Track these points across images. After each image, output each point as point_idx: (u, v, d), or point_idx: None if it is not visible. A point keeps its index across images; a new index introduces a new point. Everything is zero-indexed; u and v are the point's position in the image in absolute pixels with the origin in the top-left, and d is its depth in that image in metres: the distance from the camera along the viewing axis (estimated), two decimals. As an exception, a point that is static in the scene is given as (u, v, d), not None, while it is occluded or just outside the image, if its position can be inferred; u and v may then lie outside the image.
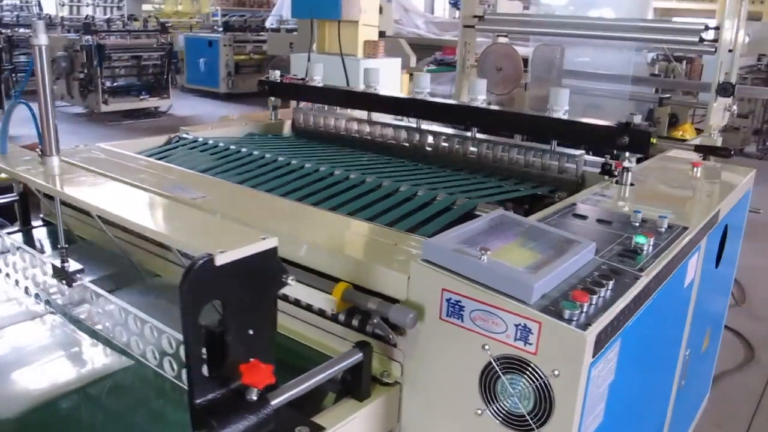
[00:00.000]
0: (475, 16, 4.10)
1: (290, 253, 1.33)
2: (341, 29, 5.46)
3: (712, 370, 2.76)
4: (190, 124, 11.59)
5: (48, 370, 1.33)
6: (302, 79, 2.96)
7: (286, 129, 2.96)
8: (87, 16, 13.00)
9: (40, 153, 1.45)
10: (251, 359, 0.96)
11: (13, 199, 2.09)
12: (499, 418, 1.13)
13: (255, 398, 0.94)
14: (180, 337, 1.23)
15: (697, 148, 1.99)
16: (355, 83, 4.78)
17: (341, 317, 1.31)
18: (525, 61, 3.96)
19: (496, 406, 1.13)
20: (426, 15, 14.05)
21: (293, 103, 2.99)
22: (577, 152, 2.14)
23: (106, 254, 1.77)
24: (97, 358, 1.36)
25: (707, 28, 3.14)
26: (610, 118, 2.12)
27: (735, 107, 3.41)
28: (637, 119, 1.97)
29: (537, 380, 1.07)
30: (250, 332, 0.97)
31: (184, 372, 1.21)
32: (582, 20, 3.71)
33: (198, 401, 0.92)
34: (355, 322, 1.29)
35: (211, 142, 2.41)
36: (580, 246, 1.25)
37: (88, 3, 17.11)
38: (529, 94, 4.01)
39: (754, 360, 3.57)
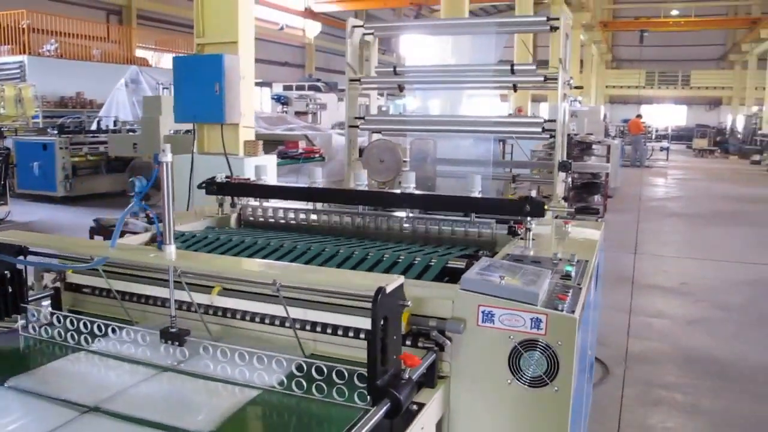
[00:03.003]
0: (357, 117, 4.89)
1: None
2: (224, 131, 6.02)
3: (593, 378, 3.62)
4: (34, 230, 11.19)
5: (197, 409, 1.75)
6: (247, 178, 3.49)
7: (233, 221, 3.45)
8: None
9: (157, 244, 1.92)
10: (396, 354, 1.56)
11: (47, 294, 2.43)
12: (525, 383, 1.79)
13: (407, 377, 1.53)
14: (309, 361, 1.77)
15: (577, 210, 2.86)
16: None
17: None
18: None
19: (520, 375, 1.79)
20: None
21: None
22: (490, 221, 2.91)
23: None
24: (224, 397, 1.81)
25: (546, 120, 4.17)
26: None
27: (570, 180, 4.47)
28: (534, 193, 2.80)
29: (547, 351, 1.76)
30: (394, 337, 1.57)
31: (313, 387, 1.74)
32: (447, 118, 4.64)
33: (378, 382, 1.49)
34: (408, 342, 1.90)
35: (199, 234, 2.89)
36: (544, 273, 1.98)
37: None
38: (402, 184, 4.79)
39: (610, 374, 4.54)
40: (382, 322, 1.52)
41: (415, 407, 1.66)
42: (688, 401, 4.17)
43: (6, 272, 2.24)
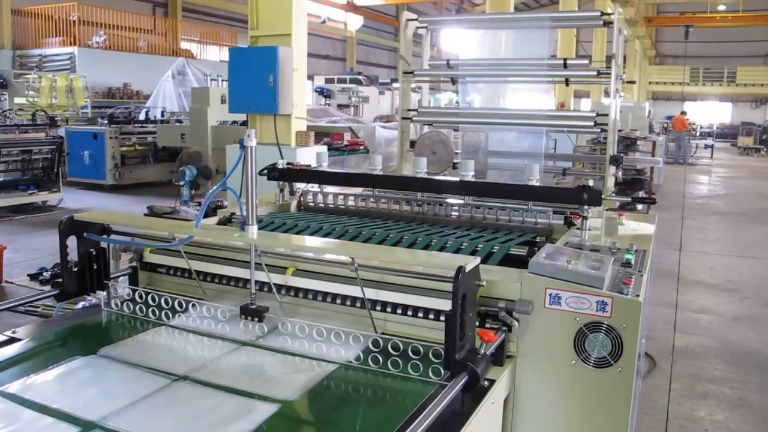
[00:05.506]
0: (410, 110, 4.97)
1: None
2: (276, 122, 6.17)
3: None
4: (87, 216, 11.50)
5: (278, 381, 1.85)
6: (308, 165, 3.60)
7: (293, 207, 3.56)
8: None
9: (240, 224, 2.03)
10: (472, 331, 1.65)
11: (127, 273, 2.58)
12: (588, 364, 1.87)
13: (483, 351, 1.62)
14: (385, 337, 1.87)
15: (633, 200, 2.91)
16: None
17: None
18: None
19: (585, 356, 1.87)
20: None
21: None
22: (547, 209, 2.97)
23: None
24: (303, 370, 1.91)
25: (598, 114, 4.20)
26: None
27: (620, 173, 4.49)
28: (591, 182, 2.85)
29: (612, 332, 1.83)
30: (471, 314, 1.66)
31: (388, 362, 1.84)
32: (500, 111, 4.69)
33: (456, 356, 1.59)
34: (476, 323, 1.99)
35: (265, 218, 3.01)
36: (607, 258, 2.05)
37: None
38: (460, 172, 4.87)
39: (657, 367, 4.56)
40: (460, 300, 1.61)
41: (486, 383, 1.75)
42: (736, 395, 4.17)
43: (91, 250, 2.39)
